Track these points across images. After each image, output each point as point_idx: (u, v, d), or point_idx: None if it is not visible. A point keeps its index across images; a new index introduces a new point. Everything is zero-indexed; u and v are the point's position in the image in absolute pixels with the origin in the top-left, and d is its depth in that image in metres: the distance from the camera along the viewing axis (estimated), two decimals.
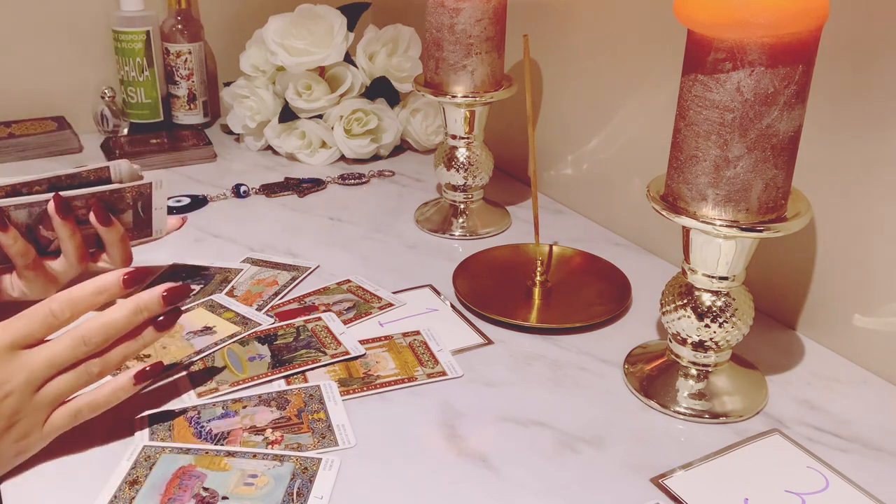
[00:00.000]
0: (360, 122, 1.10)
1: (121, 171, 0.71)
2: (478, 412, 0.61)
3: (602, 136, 0.92)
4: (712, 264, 0.59)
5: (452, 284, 0.78)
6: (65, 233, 0.67)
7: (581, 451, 0.58)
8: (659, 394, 0.63)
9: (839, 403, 0.63)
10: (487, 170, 0.92)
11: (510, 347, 0.70)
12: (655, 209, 0.59)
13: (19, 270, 0.68)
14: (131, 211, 0.72)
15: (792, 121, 0.54)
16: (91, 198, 0.69)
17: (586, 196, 0.96)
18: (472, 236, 0.91)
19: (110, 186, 0.70)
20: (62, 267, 0.70)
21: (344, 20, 1.11)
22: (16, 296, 0.69)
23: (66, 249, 0.69)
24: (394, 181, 1.07)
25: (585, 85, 0.92)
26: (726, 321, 0.60)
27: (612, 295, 0.77)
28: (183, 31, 1.19)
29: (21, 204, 0.66)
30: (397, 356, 0.68)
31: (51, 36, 1.17)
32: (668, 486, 0.54)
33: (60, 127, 1.16)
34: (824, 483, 0.55)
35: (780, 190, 0.56)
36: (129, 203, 0.71)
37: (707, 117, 0.54)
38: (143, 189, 0.72)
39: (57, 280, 0.70)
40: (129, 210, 0.72)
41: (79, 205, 0.68)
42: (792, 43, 0.51)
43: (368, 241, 0.90)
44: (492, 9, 0.84)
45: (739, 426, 0.60)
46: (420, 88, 0.89)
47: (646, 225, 0.87)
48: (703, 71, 0.53)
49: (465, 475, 0.55)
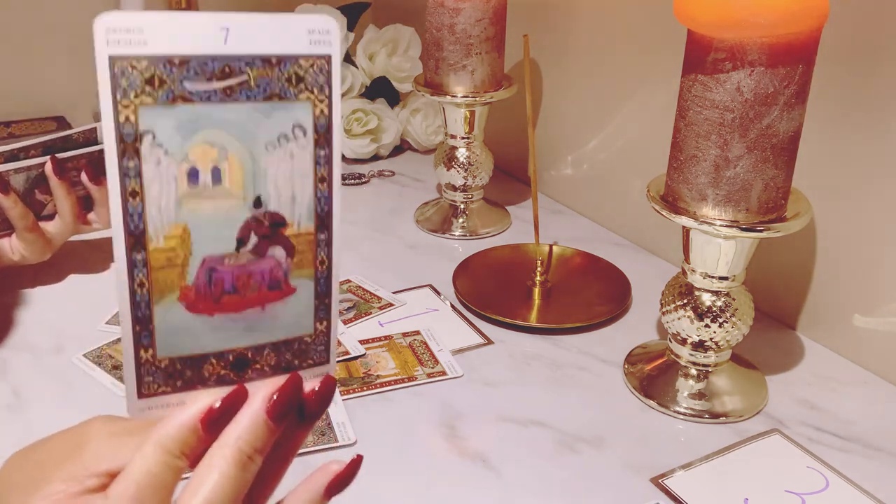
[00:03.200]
0: (360, 122, 1.10)
1: None
2: (478, 412, 0.61)
3: (602, 137, 0.92)
4: (712, 264, 0.59)
5: (452, 284, 0.78)
6: (61, 192, 0.71)
7: (581, 451, 0.58)
8: (659, 394, 0.63)
9: (839, 403, 0.63)
10: (487, 170, 0.92)
11: (510, 347, 0.70)
12: (655, 209, 0.59)
13: (19, 233, 0.72)
14: None
15: (792, 121, 0.53)
16: (82, 159, 0.72)
17: (586, 196, 0.96)
18: (472, 236, 0.91)
19: (99, 147, 0.74)
20: (57, 228, 0.73)
21: (344, 20, 1.11)
22: (16, 259, 0.73)
23: (62, 209, 0.72)
24: (394, 181, 1.07)
25: (585, 85, 0.92)
26: (726, 321, 0.60)
27: (612, 295, 0.77)
28: None
29: (20, 168, 0.69)
30: (397, 356, 0.68)
31: (51, 36, 1.17)
32: (668, 486, 0.54)
33: (60, 127, 1.15)
34: (824, 483, 0.55)
35: (780, 190, 0.56)
36: None
37: (707, 117, 0.54)
38: None
39: (52, 243, 0.74)
40: None
41: (70, 167, 0.72)
42: (792, 43, 0.51)
43: (368, 241, 0.90)
44: (492, 9, 0.84)
45: (739, 426, 0.60)
46: (420, 88, 0.89)
47: (646, 225, 0.87)
48: (703, 71, 0.53)
49: (465, 475, 0.55)
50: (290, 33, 0.33)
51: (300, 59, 0.33)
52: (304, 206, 0.34)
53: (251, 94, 0.32)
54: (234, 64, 0.32)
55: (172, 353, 0.34)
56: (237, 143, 0.33)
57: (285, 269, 0.35)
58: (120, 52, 0.30)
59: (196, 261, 0.33)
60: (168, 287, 0.33)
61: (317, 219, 0.35)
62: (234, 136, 0.32)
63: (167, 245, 0.32)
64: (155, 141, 0.31)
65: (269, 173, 0.33)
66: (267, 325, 0.35)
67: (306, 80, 0.33)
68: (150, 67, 0.31)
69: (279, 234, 0.34)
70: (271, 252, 0.34)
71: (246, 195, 0.33)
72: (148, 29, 0.30)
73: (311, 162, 0.34)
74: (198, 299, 0.33)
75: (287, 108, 0.33)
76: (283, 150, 0.33)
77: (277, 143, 0.33)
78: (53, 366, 0.66)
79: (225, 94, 0.32)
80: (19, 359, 0.67)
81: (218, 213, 0.33)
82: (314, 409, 0.36)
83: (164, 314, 0.33)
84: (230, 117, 0.32)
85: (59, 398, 0.63)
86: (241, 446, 0.33)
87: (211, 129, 0.32)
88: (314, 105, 0.33)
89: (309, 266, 0.35)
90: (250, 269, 0.34)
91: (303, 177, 0.34)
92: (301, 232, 0.34)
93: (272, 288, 0.35)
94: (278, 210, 0.34)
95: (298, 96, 0.33)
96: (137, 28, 0.30)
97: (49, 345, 0.69)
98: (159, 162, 0.31)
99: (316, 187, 0.34)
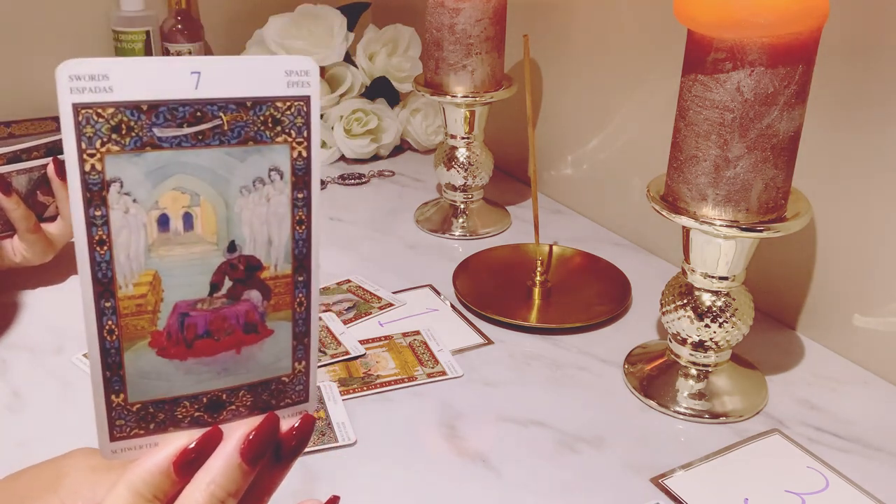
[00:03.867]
0: (360, 122, 1.10)
1: None
2: (478, 412, 0.61)
3: (602, 136, 0.92)
4: (712, 264, 0.59)
5: (452, 284, 0.78)
6: (63, 194, 0.71)
7: (581, 451, 0.58)
8: (659, 394, 0.63)
9: (839, 403, 0.63)
10: (487, 170, 0.92)
11: (510, 347, 0.70)
12: (655, 209, 0.59)
13: (21, 234, 0.72)
14: None
15: (792, 121, 0.53)
16: None
17: (586, 196, 0.96)
18: (472, 236, 0.91)
19: None
20: (59, 230, 0.74)
21: (344, 20, 1.11)
22: (18, 261, 0.73)
23: (65, 211, 0.73)
24: (394, 181, 1.07)
25: (585, 85, 0.92)
26: (726, 321, 0.60)
27: (612, 295, 0.77)
28: (183, 31, 1.19)
29: (22, 169, 0.69)
30: (397, 356, 0.68)
31: (51, 36, 1.17)
32: (668, 486, 0.54)
33: (60, 127, 1.15)
34: (824, 483, 0.55)
35: (780, 190, 0.56)
36: None
37: (707, 117, 0.54)
38: None
39: (53, 244, 0.74)
40: None
41: None
42: (792, 43, 0.51)
43: (368, 241, 0.90)
44: (492, 9, 0.84)
45: (739, 426, 0.60)
46: (420, 88, 0.89)
47: (646, 225, 0.87)
48: (703, 71, 0.53)
49: (465, 475, 0.55)
50: (266, 75, 0.32)
51: (277, 102, 0.32)
52: (282, 248, 0.34)
53: (225, 139, 0.31)
54: (206, 109, 0.31)
55: (144, 397, 0.33)
56: (210, 188, 0.32)
57: (261, 312, 0.34)
58: (84, 100, 0.29)
59: (167, 307, 0.32)
60: (138, 333, 0.32)
61: (294, 261, 0.34)
62: (206, 181, 0.31)
63: (137, 292, 0.32)
64: (122, 189, 0.30)
65: (243, 217, 0.33)
66: (243, 368, 0.34)
67: (283, 122, 0.32)
68: (117, 115, 0.30)
69: (255, 277, 0.34)
70: (247, 295, 0.34)
71: (219, 240, 0.32)
72: (114, 75, 0.29)
73: (288, 205, 0.33)
74: (169, 344, 0.33)
75: (263, 152, 0.32)
76: (259, 194, 0.33)
77: (253, 186, 0.32)
78: (53, 366, 0.66)
79: (197, 139, 0.31)
80: (19, 359, 0.67)
81: (190, 259, 0.32)
82: (291, 448, 0.35)
83: (135, 360, 0.32)
84: (202, 162, 0.31)
85: (59, 398, 0.63)
86: (213, 490, 0.32)
87: (182, 174, 0.31)
88: (292, 148, 0.32)
89: (287, 308, 0.34)
90: (225, 313, 0.33)
91: (280, 220, 0.33)
92: (279, 274, 0.34)
93: (248, 331, 0.34)
94: (254, 253, 0.33)
95: (275, 139, 0.32)
96: (102, 74, 0.29)
97: (49, 345, 0.69)
98: (127, 210, 0.31)
99: (294, 230, 0.33)
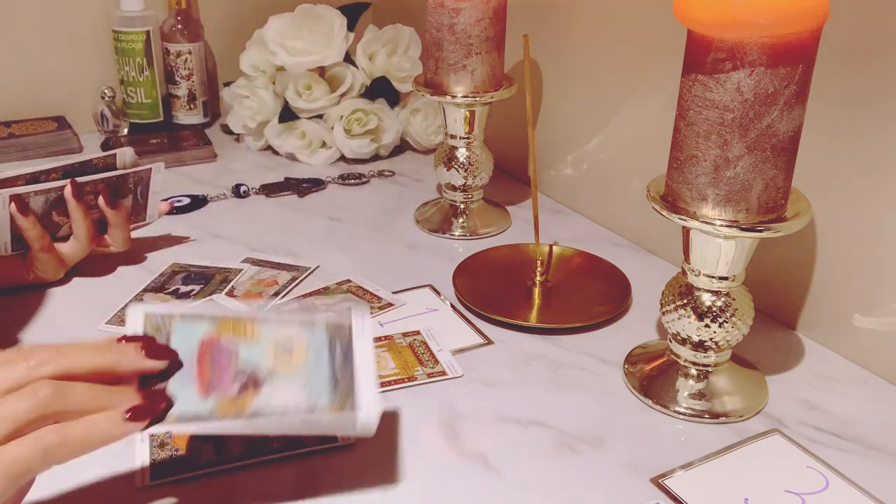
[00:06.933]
0: (360, 122, 1.10)
1: (125, 158, 0.78)
2: (478, 412, 0.61)
3: (602, 136, 0.92)
4: (712, 264, 0.59)
5: (452, 284, 0.78)
6: (78, 215, 0.74)
7: (581, 451, 0.58)
8: (659, 394, 0.63)
9: (839, 403, 0.63)
10: (487, 170, 0.92)
11: (510, 347, 0.70)
12: (655, 209, 0.59)
13: (35, 253, 0.74)
14: (132, 195, 0.79)
15: (792, 121, 0.54)
16: (99, 183, 0.75)
17: (586, 196, 0.96)
18: (472, 236, 0.91)
19: (116, 172, 0.77)
20: (72, 249, 0.76)
21: (344, 20, 1.11)
22: (30, 279, 0.76)
23: (78, 231, 0.75)
24: (394, 181, 1.07)
25: (585, 85, 0.92)
26: (726, 321, 0.60)
27: (612, 295, 0.77)
28: (183, 31, 1.19)
29: (40, 190, 0.72)
30: (397, 356, 0.68)
31: (51, 36, 1.17)
32: (668, 486, 0.54)
33: (60, 127, 1.16)
34: (824, 483, 0.55)
35: (780, 190, 0.56)
36: (131, 188, 0.79)
37: (707, 117, 0.54)
38: (143, 174, 0.79)
39: (65, 263, 0.76)
40: (129, 195, 0.79)
41: (88, 190, 0.75)
42: (792, 43, 0.51)
43: (368, 241, 0.90)
44: (492, 9, 0.84)
45: (739, 426, 0.60)
46: (420, 88, 0.89)
47: (646, 225, 0.87)
48: (703, 71, 0.53)
49: (466, 475, 0.55)
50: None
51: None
52: None
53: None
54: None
55: None
56: None
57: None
58: None
59: None
60: None
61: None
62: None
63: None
64: None
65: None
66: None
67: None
68: None
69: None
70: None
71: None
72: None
73: None
74: None
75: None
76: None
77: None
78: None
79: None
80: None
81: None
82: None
83: None
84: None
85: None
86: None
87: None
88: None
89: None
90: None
91: None
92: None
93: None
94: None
95: None
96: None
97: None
98: None
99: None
